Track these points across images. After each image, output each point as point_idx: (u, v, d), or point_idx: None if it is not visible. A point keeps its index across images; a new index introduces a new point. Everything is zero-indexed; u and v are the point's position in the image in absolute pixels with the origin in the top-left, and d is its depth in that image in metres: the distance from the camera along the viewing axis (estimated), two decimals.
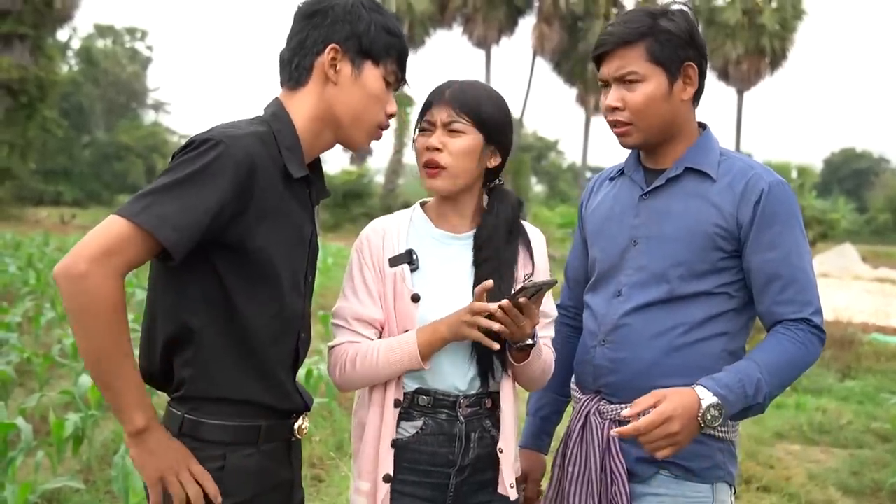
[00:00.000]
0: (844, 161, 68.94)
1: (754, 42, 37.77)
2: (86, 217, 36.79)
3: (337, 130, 1.91)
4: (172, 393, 1.83)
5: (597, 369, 2.16)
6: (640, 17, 2.07)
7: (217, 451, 1.77)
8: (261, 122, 1.85)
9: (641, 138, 2.12)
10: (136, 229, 1.62)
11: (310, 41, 1.86)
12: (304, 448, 5.63)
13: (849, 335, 10.58)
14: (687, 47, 2.07)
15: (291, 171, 1.82)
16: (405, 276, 2.10)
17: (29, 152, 35.19)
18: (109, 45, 65.22)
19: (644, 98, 2.06)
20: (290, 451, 1.92)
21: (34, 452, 4.86)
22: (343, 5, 1.86)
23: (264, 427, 1.83)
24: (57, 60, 39.98)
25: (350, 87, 1.87)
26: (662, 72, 2.06)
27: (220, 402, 1.79)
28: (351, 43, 1.85)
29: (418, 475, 2.10)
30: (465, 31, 38.16)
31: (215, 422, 1.78)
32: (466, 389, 2.11)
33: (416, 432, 2.10)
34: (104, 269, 1.60)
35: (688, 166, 2.11)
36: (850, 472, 5.71)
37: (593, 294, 2.24)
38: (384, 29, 1.88)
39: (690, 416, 1.86)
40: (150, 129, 55.85)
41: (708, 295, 2.08)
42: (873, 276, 24.77)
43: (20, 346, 7.38)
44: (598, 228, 2.26)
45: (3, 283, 12.05)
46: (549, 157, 68.08)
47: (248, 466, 1.80)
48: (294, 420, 1.92)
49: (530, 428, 2.44)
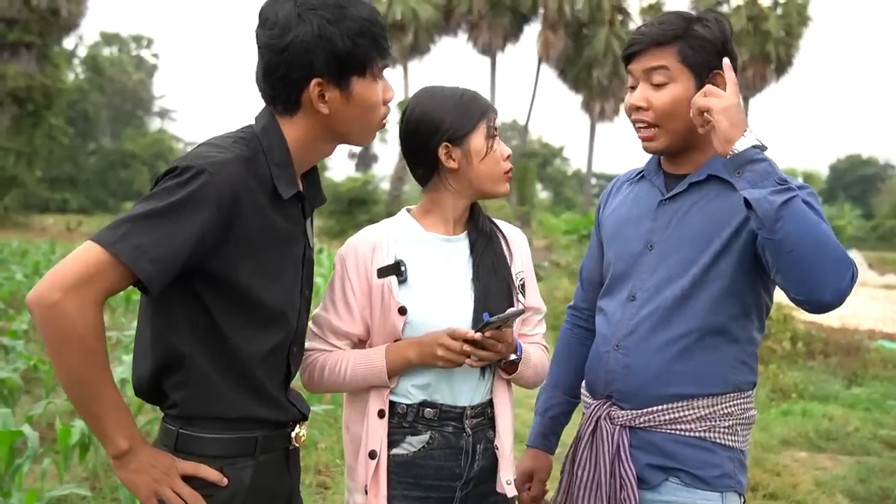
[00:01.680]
0: (850, 167, 68.80)
1: (759, 48, 37.80)
2: (92, 224, 36.83)
3: (338, 141, 1.89)
4: (166, 409, 1.81)
5: (609, 375, 2.16)
6: (675, 20, 2.07)
7: (214, 464, 1.75)
8: (250, 136, 1.80)
9: (666, 143, 2.10)
10: (112, 258, 1.58)
11: (290, 78, 1.76)
12: (310, 455, 5.65)
13: (855, 342, 10.55)
14: (719, 55, 2.04)
15: (281, 192, 1.77)
16: (392, 289, 2.07)
17: (35, 160, 35.32)
18: (115, 52, 65.45)
19: (671, 99, 2.04)
20: (288, 460, 1.91)
21: (41, 460, 4.87)
22: (310, 32, 1.73)
23: (261, 438, 1.81)
24: (63, 68, 40.09)
25: (344, 110, 1.80)
26: (692, 76, 2.04)
27: (215, 420, 1.77)
28: (332, 68, 1.76)
29: (423, 490, 2.09)
30: (469, 38, 38.25)
31: (211, 435, 1.76)
32: (471, 400, 2.12)
33: (422, 447, 2.09)
34: (79, 298, 1.56)
35: (712, 173, 2.09)
36: (858, 480, 5.69)
37: (608, 298, 2.23)
38: (357, 34, 1.76)
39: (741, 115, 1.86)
40: (155, 137, 55.95)
41: (721, 301, 2.06)
42: (880, 282, 24.71)
43: (27, 354, 7.38)
44: (615, 231, 2.25)
45: (10, 291, 12.06)
46: (554, 164, 68.07)
47: (245, 478, 1.78)
48: (291, 429, 1.90)
49: (538, 427, 2.43)
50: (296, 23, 1.74)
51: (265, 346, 1.79)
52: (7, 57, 33.49)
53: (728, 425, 2.08)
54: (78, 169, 48.98)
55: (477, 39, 37.78)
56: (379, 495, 2.05)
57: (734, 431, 2.08)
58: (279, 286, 1.81)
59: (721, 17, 2.11)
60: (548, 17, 37.01)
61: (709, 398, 2.07)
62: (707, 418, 2.07)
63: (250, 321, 1.76)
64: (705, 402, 2.07)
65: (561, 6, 36.37)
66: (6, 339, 7.87)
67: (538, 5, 37.42)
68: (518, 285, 2.19)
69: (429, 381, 2.08)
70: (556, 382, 2.42)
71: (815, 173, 41.00)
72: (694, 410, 2.06)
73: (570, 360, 2.39)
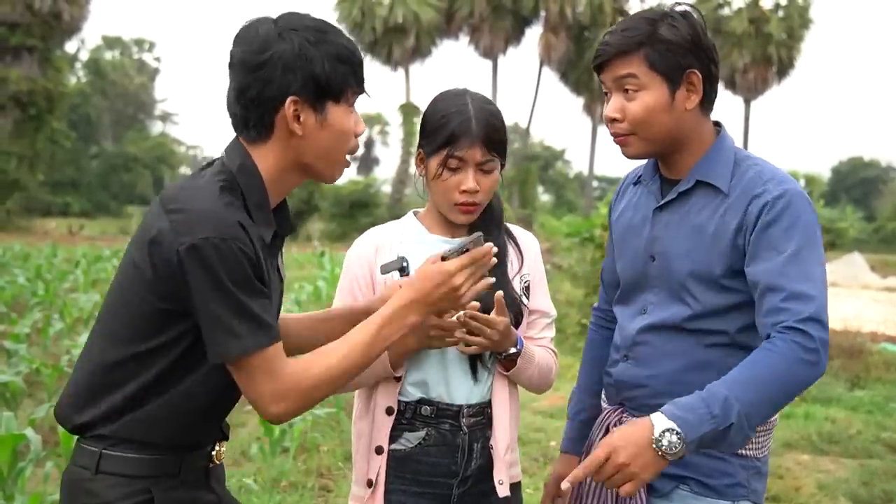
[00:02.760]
0: (852, 170, 68.77)
1: (761, 51, 37.81)
2: (94, 228, 36.92)
3: (305, 173, 1.84)
4: (88, 432, 1.76)
5: (619, 384, 2.14)
6: (639, 25, 1.99)
7: (141, 484, 1.72)
8: (229, 177, 1.75)
9: (642, 149, 2.05)
10: (262, 352, 1.68)
11: (265, 96, 1.72)
12: (312, 458, 5.66)
13: (858, 345, 10.52)
14: (688, 54, 1.98)
15: (263, 237, 1.75)
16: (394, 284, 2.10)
17: (37, 164, 35.37)
18: (117, 56, 65.54)
19: (643, 108, 1.98)
20: (208, 477, 1.87)
21: (43, 463, 4.87)
22: (290, 50, 1.71)
23: (186, 459, 1.79)
24: (65, 72, 40.15)
25: (317, 134, 1.76)
26: (663, 81, 1.97)
27: (143, 443, 1.74)
28: (308, 89, 1.72)
29: (420, 486, 2.12)
30: (471, 41, 38.30)
31: (137, 456, 1.73)
32: (469, 399, 2.13)
33: (418, 443, 2.12)
34: (279, 398, 1.70)
35: (699, 179, 2.04)
36: (861, 483, 5.67)
37: (622, 308, 2.20)
38: (336, 59, 1.74)
39: (640, 444, 1.72)
40: (157, 140, 56.09)
41: (725, 312, 2.02)
42: (882, 285, 24.66)
43: (29, 357, 7.40)
44: (621, 239, 2.22)
45: (12, 294, 12.08)
46: (556, 167, 68.11)
47: (172, 496, 1.76)
48: (211, 448, 1.88)
49: (570, 433, 2.38)
50: (276, 41, 1.72)
51: (221, 383, 1.76)
52: (9, 61, 33.56)
53: None
54: (80, 172, 49.03)
55: (478, 42, 37.83)
56: (378, 489, 2.10)
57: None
58: None
59: (689, 10, 2.03)
60: (549, 20, 37.05)
61: None
62: None
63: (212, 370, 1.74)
64: None
65: (562, 9, 36.43)
66: (9, 343, 7.89)
67: (540, 8, 37.47)
68: (522, 287, 2.20)
69: (425, 378, 2.12)
70: (583, 385, 2.38)
71: (816, 176, 40.87)
72: None
73: (596, 361, 2.34)
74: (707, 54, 2.00)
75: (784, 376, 1.80)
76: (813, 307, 1.87)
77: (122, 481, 1.72)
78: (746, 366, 1.81)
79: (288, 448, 5.61)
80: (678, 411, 1.75)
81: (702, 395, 1.78)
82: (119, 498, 1.71)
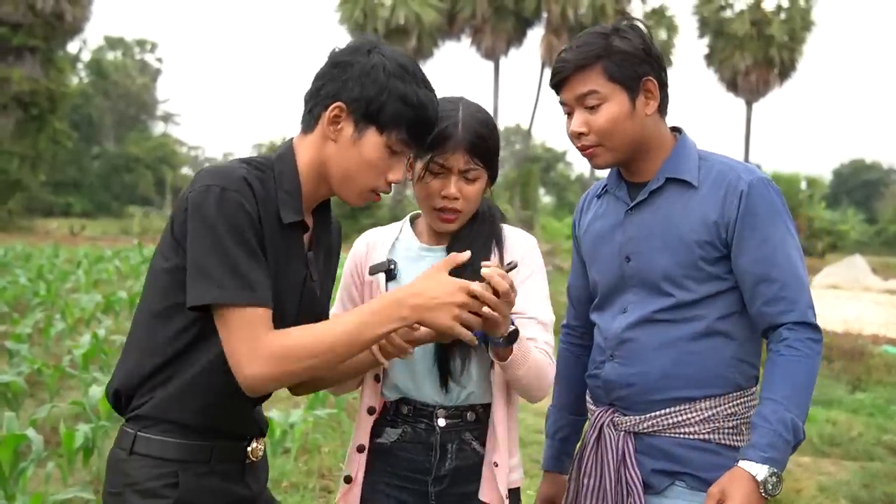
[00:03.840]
0: (854, 172, 68.80)
1: (763, 53, 37.81)
2: (95, 228, 36.93)
3: (332, 184, 1.88)
4: (128, 413, 1.83)
5: (607, 384, 2.16)
6: (594, 39, 2.07)
7: (170, 468, 1.76)
8: (264, 161, 1.85)
9: (611, 158, 2.12)
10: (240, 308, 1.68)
11: (324, 92, 1.82)
12: (313, 459, 5.66)
13: (859, 347, 10.53)
14: (643, 63, 2.06)
15: (283, 216, 1.80)
16: (380, 285, 2.17)
17: (39, 164, 35.39)
18: (119, 57, 65.61)
19: (608, 119, 2.05)
20: (244, 472, 1.90)
21: (45, 463, 4.88)
22: (363, 65, 1.79)
23: (218, 447, 1.83)
24: (67, 73, 40.18)
25: (348, 149, 1.82)
26: (623, 90, 2.05)
27: (175, 424, 1.78)
28: (358, 105, 1.79)
29: (400, 480, 2.19)
30: (473, 43, 38.29)
31: (168, 439, 1.78)
32: (443, 401, 2.15)
33: (396, 438, 2.19)
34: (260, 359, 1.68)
35: (668, 176, 2.11)
36: (862, 485, 5.68)
37: (600, 313, 2.24)
38: (400, 98, 1.79)
39: (755, 499, 1.88)
40: (159, 141, 56.13)
41: (709, 300, 2.07)
42: (883, 287, 24.64)
43: (31, 357, 7.41)
44: (592, 250, 2.26)
45: (14, 295, 12.09)
46: (558, 169, 68.15)
47: (201, 483, 1.79)
48: (248, 444, 1.90)
49: (550, 450, 2.44)
50: (361, 53, 1.82)
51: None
52: (12, 61, 33.59)
53: (733, 425, 2.09)
54: (82, 173, 49.11)
55: (480, 44, 37.83)
56: (355, 485, 2.20)
57: (739, 431, 2.09)
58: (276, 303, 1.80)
59: (635, 23, 2.12)
60: (551, 22, 37.04)
61: (711, 399, 2.08)
62: (711, 420, 2.07)
63: None
64: (708, 403, 2.08)
65: (564, 11, 36.42)
66: (10, 343, 7.90)
67: (541, 10, 37.47)
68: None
69: (398, 379, 2.17)
70: (560, 403, 2.44)
71: (818, 178, 40.84)
72: (697, 413, 2.07)
73: (570, 379, 2.40)
74: (658, 62, 2.11)
75: (813, 373, 1.99)
76: (806, 294, 2.03)
77: (152, 463, 1.77)
78: (786, 377, 1.97)
79: (289, 449, 5.61)
80: (765, 453, 1.90)
81: (771, 427, 1.92)
82: (147, 479, 1.76)
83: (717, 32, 38.45)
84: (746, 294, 2.06)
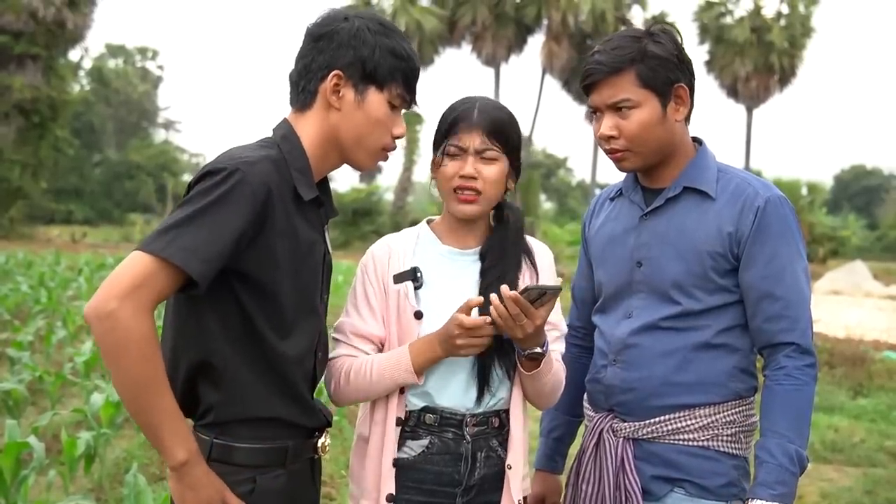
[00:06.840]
0: (854, 178, 68.75)
1: (763, 59, 37.80)
2: (97, 236, 36.94)
3: (342, 153, 1.92)
4: (198, 419, 1.84)
5: (608, 389, 2.17)
6: (627, 43, 2.05)
7: (247, 474, 1.80)
8: (271, 144, 1.86)
9: (639, 162, 2.11)
10: (163, 263, 1.62)
11: (315, 65, 1.86)
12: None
13: (860, 353, 10.51)
14: (675, 69, 2.06)
15: (302, 194, 1.83)
16: (408, 293, 2.11)
17: (41, 172, 35.36)
18: (121, 64, 65.67)
19: (639, 125, 2.05)
20: (313, 470, 1.96)
21: (46, 471, 4.87)
22: (348, 30, 1.85)
23: (291, 447, 1.86)
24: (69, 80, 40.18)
25: (353, 113, 1.86)
26: (655, 96, 2.04)
27: (249, 424, 1.80)
28: (354, 68, 1.84)
29: (424, 495, 2.10)
30: (473, 50, 38.30)
31: (245, 445, 1.80)
32: (473, 408, 2.11)
33: (422, 451, 2.10)
34: (133, 304, 1.59)
35: (686, 185, 2.11)
36: (864, 491, 5.67)
37: (603, 316, 2.24)
38: (390, 52, 1.86)
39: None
40: (160, 148, 56.11)
41: (715, 311, 2.08)
42: (884, 293, 24.61)
43: (32, 365, 7.40)
44: (602, 251, 2.26)
45: (16, 302, 12.08)
46: (559, 175, 68.10)
47: (277, 488, 1.83)
48: (317, 438, 1.94)
49: (544, 449, 2.44)
50: (340, 20, 1.87)
51: (296, 348, 1.84)
52: (13, 69, 33.59)
53: (731, 433, 2.09)
54: (83, 180, 49.12)
55: (481, 51, 37.84)
56: (381, 498, 2.08)
57: (737, 439, 2.10)
58: (305, 288, 1.86)
59: (668, 27, 2.11)
60: (552, 29, 37.06)
61: (710, 407, 2.08)
62: (710, 427, 2.08)
63: (282, 323, 1.81)
64: (707, 410, 2.08)
65: (565, 18, 36.45)
66: (12, 350, 7.89)
67: (542, 17, 37.50)
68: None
69: (427, 388, 2.10)
70: (556, 404, 2.42)
71: (819, 184, 40.83)
72: (696, 420, 2.07)
73: (568, 380, 2.39)
74: (689, 68, 2.10)
75: (811, 399, 2.03)
76: (808, 316, 2.04)
77: (231, 469, 1.79)
78: (786, 408, 1.99)
79: None
80: (774, 490, 1.93)
81: (777, 461, 1.94)
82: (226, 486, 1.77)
83: (717, 39, 38.44)
84: (749, 308, 2.06)
